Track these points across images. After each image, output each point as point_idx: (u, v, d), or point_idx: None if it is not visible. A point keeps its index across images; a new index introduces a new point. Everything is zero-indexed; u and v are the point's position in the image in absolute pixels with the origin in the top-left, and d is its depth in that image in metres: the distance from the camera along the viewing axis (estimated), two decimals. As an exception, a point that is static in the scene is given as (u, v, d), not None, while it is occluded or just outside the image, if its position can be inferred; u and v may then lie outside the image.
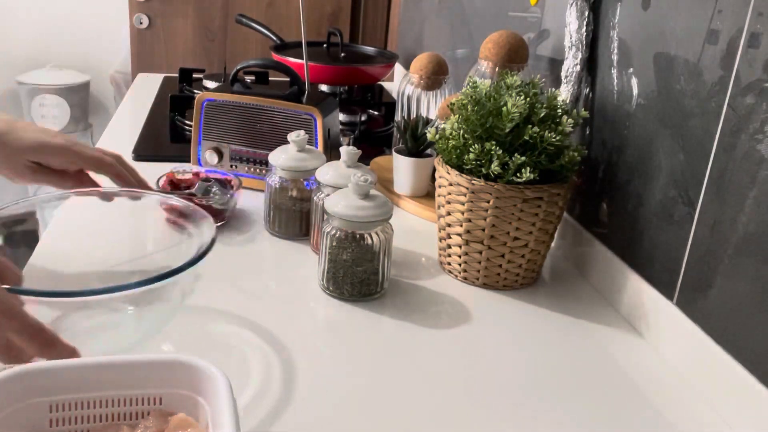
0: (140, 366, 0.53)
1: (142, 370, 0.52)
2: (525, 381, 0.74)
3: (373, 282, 0.86)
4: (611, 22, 0.92)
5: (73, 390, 0.51)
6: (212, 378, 0.51)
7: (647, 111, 0.84)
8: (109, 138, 1.42)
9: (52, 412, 0.51)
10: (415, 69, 1.25)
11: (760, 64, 0.65)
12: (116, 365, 0.53)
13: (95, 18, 3.05)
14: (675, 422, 0.69)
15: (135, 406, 0.52)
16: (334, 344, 0.78)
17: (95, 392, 0.52)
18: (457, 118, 0.90)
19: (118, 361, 0.53)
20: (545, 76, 1.11)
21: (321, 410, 0.67)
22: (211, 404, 0.50)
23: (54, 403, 0.51)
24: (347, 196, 0.84)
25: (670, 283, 0.79)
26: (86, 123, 3.17)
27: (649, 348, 0.81)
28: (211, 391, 0.50)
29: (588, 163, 0.97)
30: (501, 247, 0.88)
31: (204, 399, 0.51)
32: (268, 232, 1.03)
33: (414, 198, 1.15)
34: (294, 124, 1.12)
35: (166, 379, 0.52)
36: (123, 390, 0.52)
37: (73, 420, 0.52)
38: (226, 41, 2.42)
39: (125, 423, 0.52)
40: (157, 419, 0.51)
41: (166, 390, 0.52)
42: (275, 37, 1.72)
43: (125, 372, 0.52)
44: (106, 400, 0.52)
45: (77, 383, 0.51)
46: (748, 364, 0.67)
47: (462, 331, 0.82)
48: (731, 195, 0.69)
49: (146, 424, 0.51)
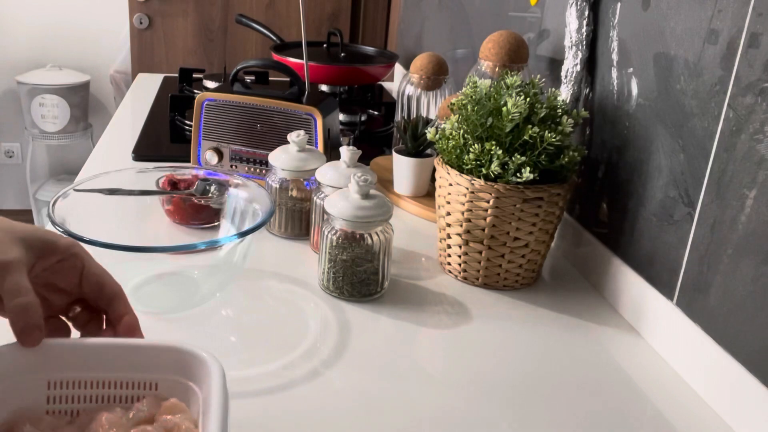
0: (138, 350, 0.53)
1: (140, 354, 0.52)
2: (525, 381, 0.74)
3: (373, 282, 0.86)
4: (611, 22, 0.92)
5: (71, 369, 0.52)
6: (206, 364, 0.50)
7: (647, 111, 0.84)
8: (109, 138, 1.42)
9: (50, 389, 0.51)
10: (415, 69, 1.25)
11: (760, 64, 0.65)
12: (115, 347, 0.53)
13: (95, 18, 3.05)
14: (675, 422, 0.69)
15: (131, 389, 0.52)
16: (334, 344, 0.78)
17: (93, 372, 0.52)
18: (457, 118, 0.90)
19: (117, 343, 0.53)
20: (545, 76, 1.11)
21: (320, 410, 0.67)
22: (203, 391, 0.50)
23: (52, 380, 0.51)
24: (347, 196, 0.84)
25: (670, 283, 0.79)
26: (86, 123, 3.17)
27: (649, 348, 0.81)
28: (204, 378, 0.50)
29: (588, 163, 0.97)
30: (501, 247, 0.88)
31: (197, 386, 0.51)
32: (268, 232, 1.03)
33: (414, 198, 1.15)
34: (294, 124, 1.12)
35: (162, 364, 0.52)
36: (120, 372, 0.52)
37: (71, 399, 0.52)
38: (226, 41, 2.42)
39: (119, 405, 0.52)
40: (150, 403, 0.51)
41: (162, 375, 0.52)
42: (275, 37, 1.72)
43: (123, 354, 0.52)
44: (103, 381, 0.52)
45: (76, 362, 0.52)
46: (748, 364, 0.67)
47: (462, 331, 0.82)
48: (731, 195, 0.69)
49: (139, 407, 0.51)
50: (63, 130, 3.08)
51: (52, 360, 0.51)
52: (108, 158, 1.30)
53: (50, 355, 0.51)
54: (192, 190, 0.99)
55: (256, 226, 0.76)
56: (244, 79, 1.42)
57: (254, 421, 0.64)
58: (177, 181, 1.05)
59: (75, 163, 3.24)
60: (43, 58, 3.08)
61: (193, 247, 0.79)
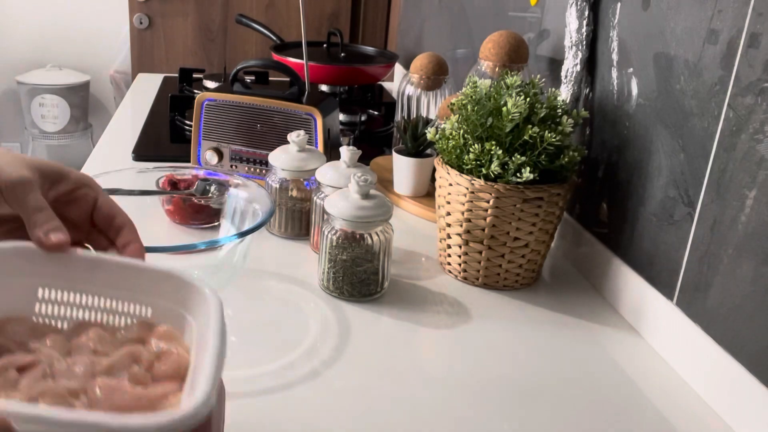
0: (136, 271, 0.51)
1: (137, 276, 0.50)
2: (525, 381, 0.74)
3: (373, 282, 0.86)
4: (611, 22, 0.92)
5: (63, 278, 0.50)
6: (205, 296, 0.48)
7: (647, 111, 0.84)
8: (109, 138, 1.42)
9: (40, 296, 0.50)
10: (415, 69, 1.25)
11: (760, 64, 0.65)
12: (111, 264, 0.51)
13: (95, 18, 3.06)
14: (675, 422, 0.69)
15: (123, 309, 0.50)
16: (334, 344, 0.78)
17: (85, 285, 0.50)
18: (457, 118, 0.90)
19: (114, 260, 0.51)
20: (545, 76, 1.11)
21: (320, 410, 0.67)
22: (198, 323, 0.48)
23: (43, 286, 0.50)
24: (347, 196, 0.84)
25: (670, 283, 0.79)
26: (86, 123, 3.17)
27: (649, 348, 0.81)
28: (201, 310, 0.48)
29: (588, 163, 0.97)
30: (501, 247, 0.88)
31: (192, 317, 0.49)
32: (268, 232, 1.03)
33: (414, 198, 1.15)
34: (294, 124, 1.12)
35: (159, 290, 0.50)
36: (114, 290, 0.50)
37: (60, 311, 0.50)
38: (226, 41, 2.42)
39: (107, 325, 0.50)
40: (141, 327, 0.50)
41: (157, 300, 0.50)
42: (275, 37, 1.72)
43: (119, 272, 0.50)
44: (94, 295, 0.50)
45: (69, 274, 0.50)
46: (748, 364, 0.67)
47: (462, 331, 0.82)
48: (731, 195, 0.69)
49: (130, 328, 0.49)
50: (63, 130, 3.08)
51: (45, 267, 0.49)
52: (108, 158, 1.30)
53: (44, 262, 0.49)
54: (192, 190, 0.99)
55: (256, 226, 0.76)
56: (244, 79, 1.42)
57: (254, 421, 0.64)
58: (177, 181, 1.05)
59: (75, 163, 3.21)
60: (43, 58, 3.08)
61: (193, 247, 0.79)
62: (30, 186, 0.50)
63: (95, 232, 0.55)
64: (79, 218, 0.54)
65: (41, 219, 0.49)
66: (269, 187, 1.01)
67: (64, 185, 0.53)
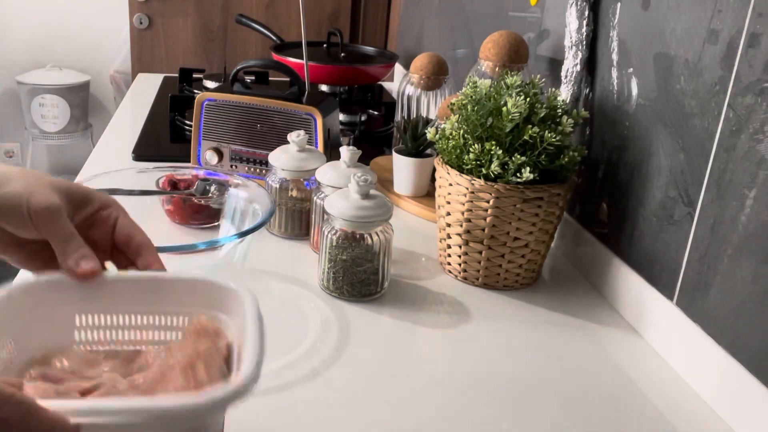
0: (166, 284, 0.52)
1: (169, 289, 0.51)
2: (525, 381, 0.74)
3: (373, 282, 0.86)
4: (611, 22, 0.92)
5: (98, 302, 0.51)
6: (238, 295, 0.49)
7: (647, 111, 0.84)
8: (109, 138, 1.42)
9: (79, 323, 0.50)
10: (415, 69, 1.25)
11: (760, 64, 0.65)
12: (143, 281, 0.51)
13: (95, 18, 3.06)
14: (675, 422, 0.69)
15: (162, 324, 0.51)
16: (334, 344, 0.78)
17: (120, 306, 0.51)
18: (457, 118, 0.90)
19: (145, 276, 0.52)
20: (545, 76, 1.11)
21: (320, 410, 0.67)
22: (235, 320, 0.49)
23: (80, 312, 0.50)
24: (347, 196, 0.84)
25: (670, 283, 0.79)
26: (86, 123, 3.17)
27: (649, 348, 0.81)
28: (236, 309, 0.49)
29: (588, 163, 0.97)
30: (501, 247, 0.88)
31: (229, 317, 0.50)
32: (268, 232, 1.03)
33: (414, 198, 1.15)
34: (294, 124, 1.12)
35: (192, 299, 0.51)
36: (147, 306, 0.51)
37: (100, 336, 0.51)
38: (226, 41, 2.42)
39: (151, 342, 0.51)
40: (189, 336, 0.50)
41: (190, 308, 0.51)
42: (275, 37, 1.72)
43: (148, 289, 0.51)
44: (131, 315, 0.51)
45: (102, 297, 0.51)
46: (748, 364, 0.67)
47: (462, 331, 0.82)
48: (731, 195, 0.69)
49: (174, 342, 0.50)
50: (63, 130, 3.08)
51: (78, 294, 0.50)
52: (108, 158, 1.30)
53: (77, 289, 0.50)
54: (192, 190, 0.99)
55: (256, 226, 0.76)
56: (244, 79, 1.42)
57: (254, 421, 0.64)
58: (177, 181, 1.05)
59: (75, 163, 3.24)
60: (43, 58, 3.08)
61: (193, 247, 0.79)
62: (58, 212, 0.50)
63: (116, 251, 0.56)
64: (101, 239, 0.55)
65: (71, 248, 0.50)
66: (269, 187, 1.01)
67: (90, 208, 0.54)
